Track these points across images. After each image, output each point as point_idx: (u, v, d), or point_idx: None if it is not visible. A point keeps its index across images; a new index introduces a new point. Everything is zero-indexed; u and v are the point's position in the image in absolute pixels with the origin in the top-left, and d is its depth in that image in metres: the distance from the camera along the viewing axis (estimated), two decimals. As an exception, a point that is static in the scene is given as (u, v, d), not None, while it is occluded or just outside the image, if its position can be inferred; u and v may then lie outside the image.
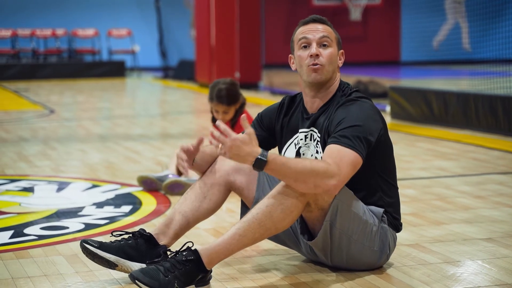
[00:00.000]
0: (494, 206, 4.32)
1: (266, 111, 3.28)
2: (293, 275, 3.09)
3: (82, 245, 3.00)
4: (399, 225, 3.17)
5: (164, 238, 3.07)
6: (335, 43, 3.11)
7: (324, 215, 2.92)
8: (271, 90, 12.55)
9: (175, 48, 19.40)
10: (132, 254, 3.00)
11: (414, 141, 6.93)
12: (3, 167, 5.80)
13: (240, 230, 2.83)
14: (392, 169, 3.16)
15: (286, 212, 2.83)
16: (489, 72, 8.64)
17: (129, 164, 5.90)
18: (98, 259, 2.99)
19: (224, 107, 4.90)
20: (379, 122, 3.02)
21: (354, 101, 3.04)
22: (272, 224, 2.83)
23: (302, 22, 3.15)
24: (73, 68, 17.19)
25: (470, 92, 7.69)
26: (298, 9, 18.98)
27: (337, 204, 2.91)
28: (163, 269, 2.78)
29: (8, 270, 3.22)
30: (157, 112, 10.67)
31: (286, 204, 2.83)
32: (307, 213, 2.93)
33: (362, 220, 2.99)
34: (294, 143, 3.17)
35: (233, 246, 2.83)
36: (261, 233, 2.84)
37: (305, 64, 3.08)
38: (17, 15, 18.82)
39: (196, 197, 3.11)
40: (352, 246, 2.99)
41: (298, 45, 3.11)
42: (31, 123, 8.91)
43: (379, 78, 12.22)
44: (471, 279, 3.03)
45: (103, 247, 2.98)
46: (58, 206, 4.44)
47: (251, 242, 2.85)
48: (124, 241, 3.04)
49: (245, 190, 3.16)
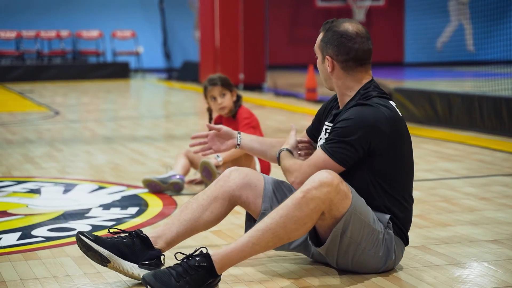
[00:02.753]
0: (499, 208, 4.33)
1: (322, 106, 3.35)
2: (301, 278, 3.10)
3: (77, 236, 2.97)
4: (406, 237, 3.15)
5: (160, 242, 3.06)
6: (319, 53, 3.15)
7: (336, 223, 2.94)
8: (275, 91, 12.56)
9: (179, 49, 19.42)
10: (126, 252, 2.98)
11: (419, 142, 6.94)
12: (9, 169, 5.82)
13: (254, 238, 2.86)
14: (403, 183, 3.09)
15: (299, 223, 2.86)
16: (493, 74, 8.63)
17: (135, 166, 5.92)
18: (92, 252, 2.96)
19: (219, 88, 5.06)
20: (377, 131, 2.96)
21: (361, 105, 3.02)
22: (285, 234, 2.87)
23: None
24: (77, 69, 17.22)
25: (474, 94, 7.70)
26: (302, 10, 18.99)
27: (351, 213, 2.93)
28: (175, 274, 2.79)
29: (16, 272, 3.24)
30: (161, 114, 10.69)
31: (300, 216, 2.85)
32: (319, 221, 2.95)
33: (371, 229, 3.00)
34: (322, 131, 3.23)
35: (245, 253, 2.87)
36: (274, 242, 2.88)
37: None
38: (21, 16, 18.86)
39: (197, 207, 3.11)
40: (358, 252, 3.02)
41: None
42: (36, 124, 8.94)
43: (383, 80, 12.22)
44: (477, 281, 3.04)
45: (98, 241, 2.96)
46: (65, 207, 4.46)
47: (263, 250, 2.90)
48: (120, 238, 3.03)
49: (251, 204, 3.17)
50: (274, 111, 9.91)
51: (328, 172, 2.88)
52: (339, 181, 2.88)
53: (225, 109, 5.09)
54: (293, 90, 12.56)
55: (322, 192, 2.84)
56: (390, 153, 3.02)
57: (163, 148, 6.95)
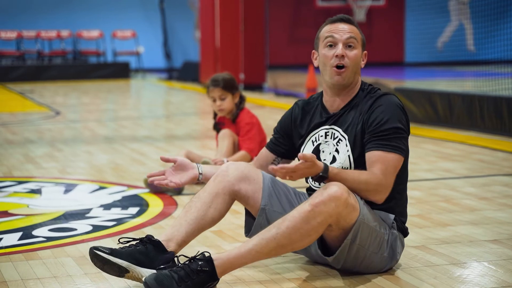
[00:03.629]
0: (499, 207, 4.33)
1: (281, 123, 3.30)
2: (302, 278, 3.10)
3: (92, 252, 2.93)
4: (406, 229, 3.20)
5: (172, 245, 3.06)
6: (360, 45, 3.12)
7: (345, 233, 2.95)
8: (275, 91, 12.56)
9: (179, 49, 19.43)
10: (143, 260, 2.97)
11: (419, 142, 6.94)
12: (10, 169, 5.83)
13: (257, 246, 2.86)
14: (407, 176, 3.18)
15: (305, 235, 2.86)
16: (493, 73, 8.64)
17: (135, 166, 5.93)
18: (109, 265, 2.93)
19: (219, 90, 4.98)
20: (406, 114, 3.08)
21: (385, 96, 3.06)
22: (289, 244, 2.87)
23: (329, 20, 3.15)
24: (77, 69, 17.23)
25: (475, 93, 7.70)
26: (302, 10, 19.00)
27: (359, 224, 2.94)
28: (177, 278, 2.79)
29: (17, 272, 3.24)
30: (162, 114, 10.70)
31: (306, 228, 2.85)
32: (327, 232, 2.95)
33: (378, 233, 3.02)
34: (312, 140, 3.19)
35: (248, 260, 2.88)
36: (277, 251, 2.89)
37: (330, 64, 3.09)
38: (22, 16, 18.87)
39: (201, 205, 3.10)
40: (366, 256, 3.03)
41: (323, 43, 3.11)
42: (37, 124, 8.94)
43: (384, 79, 12.23)
44: (478, 280, 3.04)
45: (114, 253, 2.94)
46: (65, 208, 4.46)
47: (266, 257, 2.91)
48: (133, 247, 3.02)
49: (250, 199, 3.14)
50: (275, 111, 9.91)
51: (337, 186, 2.87)
52: (347, 195, 2.88)
53: (224, 111, 5.08)
54: (293, 90, 12.57)
55: (330, 206, 2.84)
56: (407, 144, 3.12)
57: (164, 148, 6.95)
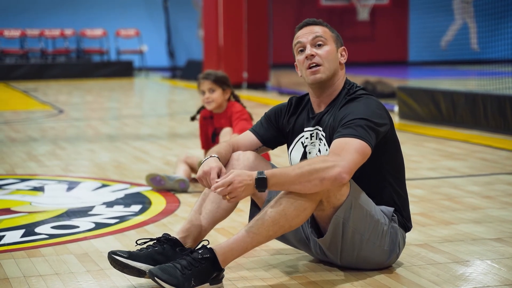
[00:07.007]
0: (502, 206, 4.32)
1: (274, 110, 3.32)
2: (303, 275, 3.10)
3: (111, 257, 2.97)
4: (408, 224, 3.20)
5: (189, 241, 3.09)
6: (331, 41, 3.14)
7: (336, 212, 2.95)
8: (279, 90, 12.56)
9: (183, 48, 19.43)
10: (161, 260, 2.99)
11: (422, 141, 6.93)
12: (13, 167, 5.83)
13: (254, 228, 2.88)
14: (402, 167, 3.19)
15: (299, 209, 2.87)
16: (497, 72, 8.63)
17: (138, 164, 5.93)
18: (128, 269, 2.97)
19: (209, 83, 4.94)
20: (386, 119, 3.04)
21: (359, 97, 3.07)
22: (285, 222, 2.88)
23: (297, 28, 3.22)
24: (81, 68, 17.24)
25: (478, 92, 7.69)
26: (305, 9, 18.99)
27: (350, 201, 2.94)
28: (180, 267, 2.83)
29: (20, 269, 3.24)
30: (165, 112, 10.70)
31: (300, 201, 2.87)
32: (319, 212, 2.96)
33: (374, 219, 3.01)
34: (301, 141, 3.21)
35: (247, 244, 2.88)
36: (275, 230, 2.88)
37: (304, 67, 3.14)
38: (25, 15, 18.89)
39: (215, 197, 3.13)
40: (363, 245, 3.02)
41: (296, 51, 3.20)
42: (40, 123, 8.95)
43: (387, 78, 12.22)
44: (480, 279, 3.04)
45: (132, 257, 2.97)
46: (68, 205, 4.47)
47: (265, 239, 2.90)
48: (151, 248, 3.04)
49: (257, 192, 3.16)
50: (278, 110, 9.90)
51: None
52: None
53: (211, 103, 5.00)
54: (297, 89, 12.57)
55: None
56: (394, 137, 3.11)
57: (167, 146, 6.95)
